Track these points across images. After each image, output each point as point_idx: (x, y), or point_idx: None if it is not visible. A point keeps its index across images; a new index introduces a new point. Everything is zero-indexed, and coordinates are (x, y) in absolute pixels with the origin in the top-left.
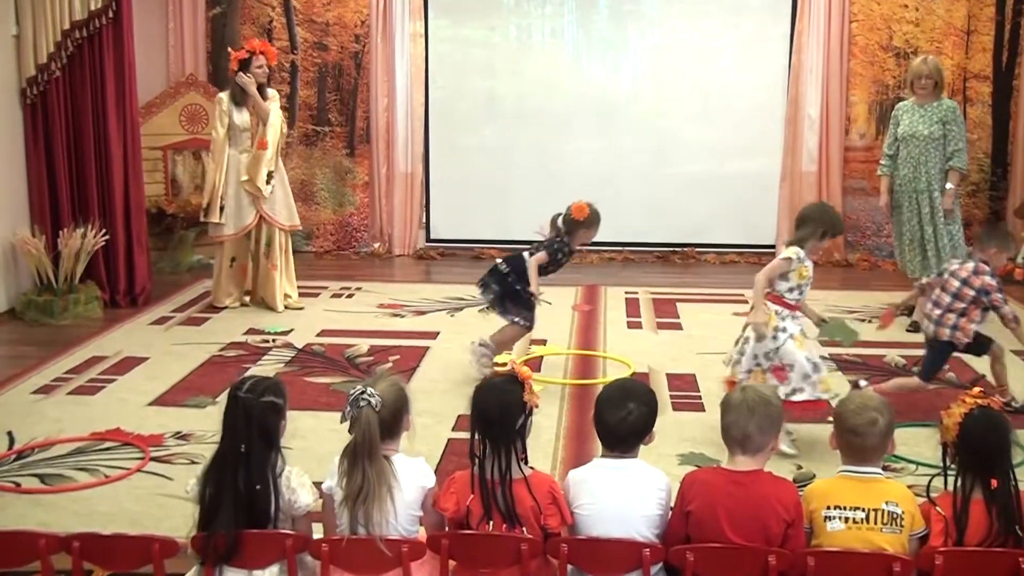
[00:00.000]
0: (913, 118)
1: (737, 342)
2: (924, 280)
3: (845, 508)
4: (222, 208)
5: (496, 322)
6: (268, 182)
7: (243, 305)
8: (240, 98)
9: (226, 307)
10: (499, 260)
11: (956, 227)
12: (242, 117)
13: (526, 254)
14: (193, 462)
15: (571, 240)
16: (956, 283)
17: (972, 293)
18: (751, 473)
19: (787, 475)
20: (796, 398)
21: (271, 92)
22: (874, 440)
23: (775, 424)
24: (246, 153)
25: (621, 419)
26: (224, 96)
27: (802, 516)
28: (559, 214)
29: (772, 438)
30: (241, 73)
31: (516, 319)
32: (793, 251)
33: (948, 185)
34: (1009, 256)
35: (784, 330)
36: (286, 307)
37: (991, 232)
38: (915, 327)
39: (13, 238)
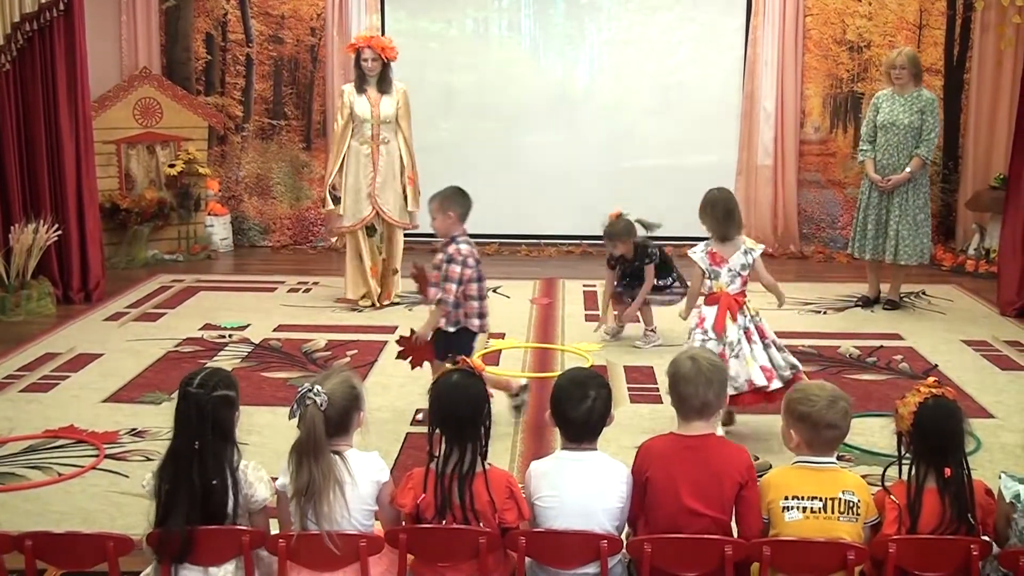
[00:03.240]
0: (893, 107)
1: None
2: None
3: (803, 498)
4: (337, 199)
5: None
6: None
7: (373, 305)
8: (362, 88)
9: (356, 302)
10: None
11: (924, 216)
12: (362, 107)
13: None
14: (148, 459)
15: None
16: None
17: None
18: (704, 437)
19: None
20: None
21: (396, 86)
22: (847, 428)
23: (725, 387)
24: (366, 144)
25: (588, 409)
26: (347, 87)
27: (755, 478)
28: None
29: (724, 401)
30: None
31: None
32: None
33: (907, 169)
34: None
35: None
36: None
37: None
38: (864, 301)
39: None
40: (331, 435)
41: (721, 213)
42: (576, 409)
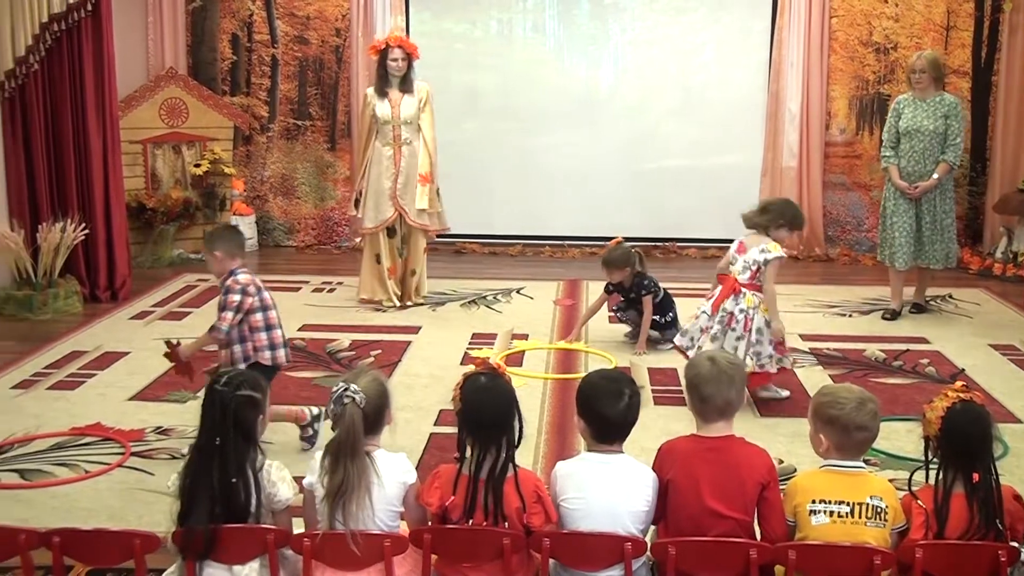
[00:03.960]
0: (916, 112)
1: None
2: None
3: (830, 502)
4: (357, 202)
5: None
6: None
7: (396, 307)
8: (383, 90)
9: (372, 302)
10: None
11: (951, 220)
12: (383, 109)
13: None
14: (174, 457)
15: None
16: None
17: None
18: (725, 438)
19: None
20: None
21: (418, 85)
22: (876, 430)
23: (745, 384)
24: (388, 146)
25: (627, 405)
26: (369, 90)
27: (776, 479)
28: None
29: (743, 398)
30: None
31: None
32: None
33: (934, 175)
34: None
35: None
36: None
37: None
38: (891, 315)
39: None
40: (365, 433)
41: (760, 205)
42: (614, 406)
